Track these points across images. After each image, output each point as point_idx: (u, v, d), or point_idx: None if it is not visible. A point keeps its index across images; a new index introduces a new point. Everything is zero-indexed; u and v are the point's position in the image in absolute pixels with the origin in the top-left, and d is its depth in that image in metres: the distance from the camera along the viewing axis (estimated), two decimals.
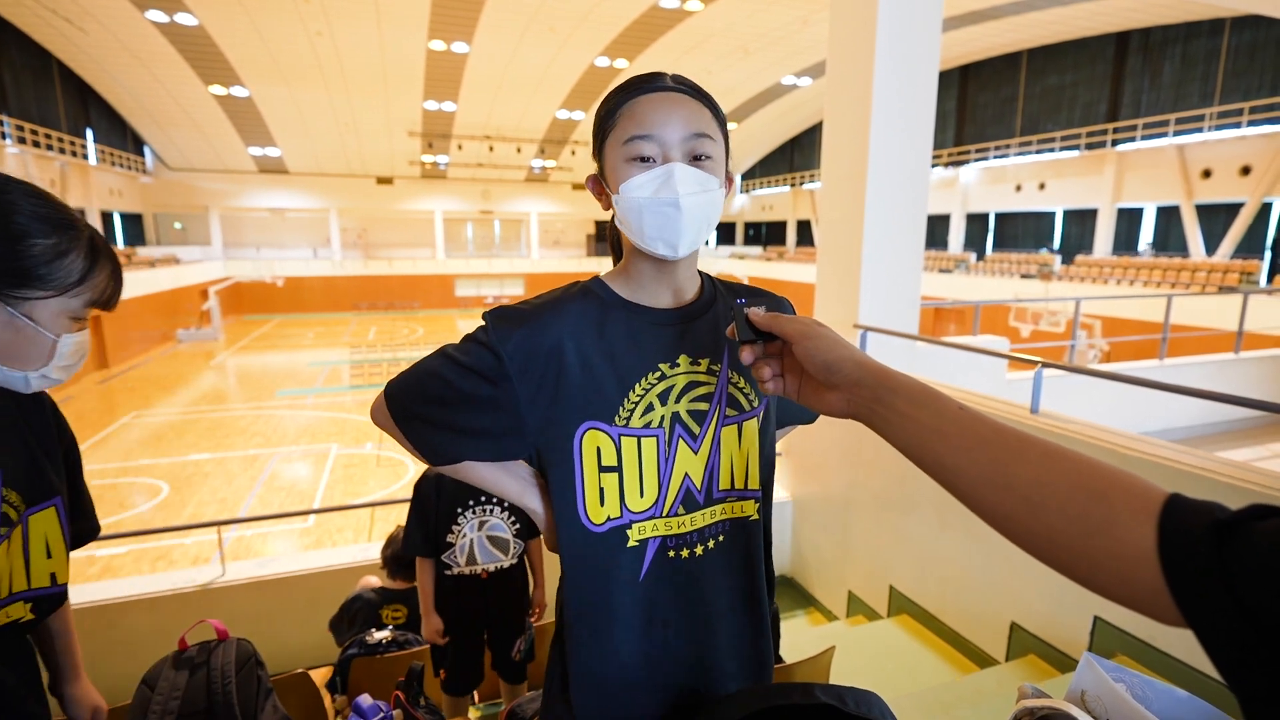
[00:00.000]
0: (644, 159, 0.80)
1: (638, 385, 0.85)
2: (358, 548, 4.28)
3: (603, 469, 0.84)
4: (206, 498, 9.21)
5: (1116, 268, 16.58)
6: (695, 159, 0.82)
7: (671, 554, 0.87)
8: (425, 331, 24.70)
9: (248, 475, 10.06)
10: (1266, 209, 15.20)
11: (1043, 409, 3.00)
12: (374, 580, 2.92)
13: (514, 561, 2.21)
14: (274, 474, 10.15)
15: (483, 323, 0.85)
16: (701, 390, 0.88)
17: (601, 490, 0.85)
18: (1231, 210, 15.57)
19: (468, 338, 0.85)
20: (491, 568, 2.18)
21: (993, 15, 17.34)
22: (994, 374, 5.06)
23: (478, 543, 2.14)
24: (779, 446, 1.07)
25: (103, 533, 1.36)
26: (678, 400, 0.86)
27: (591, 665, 0.87)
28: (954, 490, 0.59)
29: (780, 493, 4.76)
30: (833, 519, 4.20)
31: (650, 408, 0.85)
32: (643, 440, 0.85)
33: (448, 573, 2.17)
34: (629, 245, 0.88)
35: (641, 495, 0.85)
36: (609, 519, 0.85)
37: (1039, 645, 2.73)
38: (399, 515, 9.43)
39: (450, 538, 2.13)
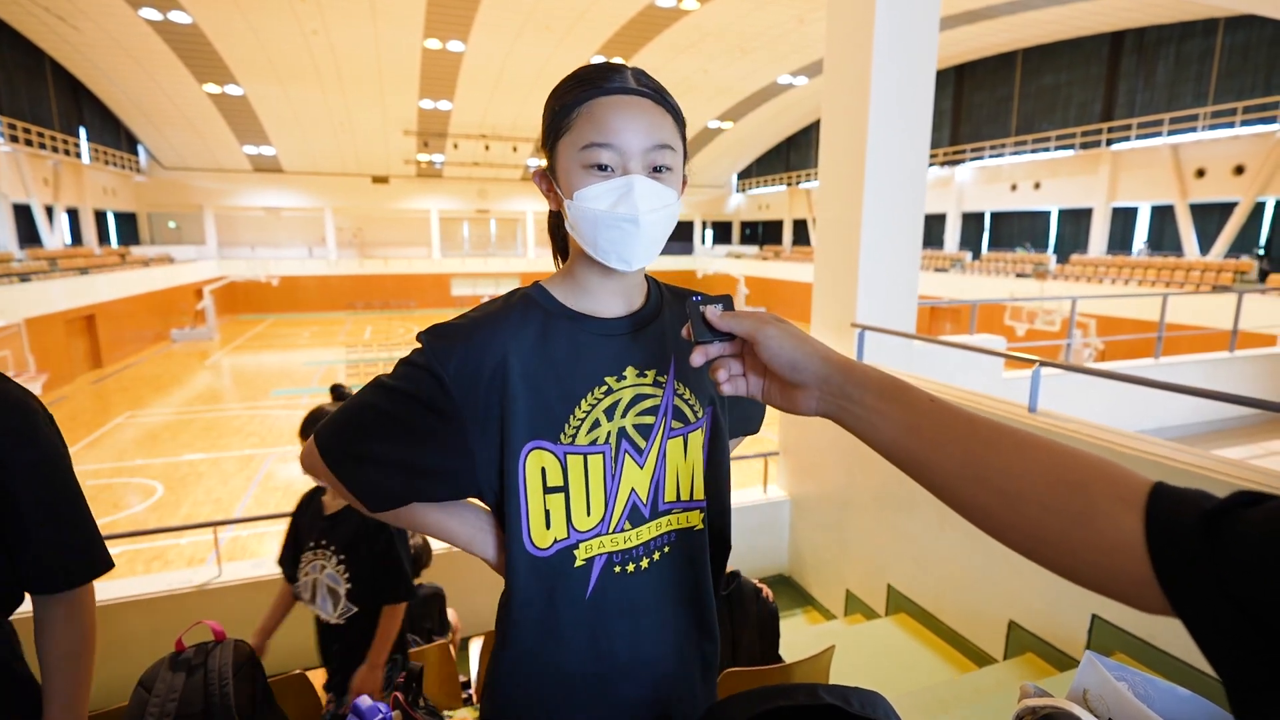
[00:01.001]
0: (601, 167, 0.75)
1: (584, 401, 0.81)
2: None
3: (548, 490, 0.81)
4: (201, 498, 9.17)
5: (1111, 267, 16.65)
6: (655, 170, 0.77)
7: (617, 569, 0.85)
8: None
9: (243, 475, 10.02)
10: (1260, 208, 15.27)
11: (1040, 408, 3.01)
12: None
13: (339, 622, 1.96)
14: (269, 474, 10.11)
15: (418, 344, 0.79)
16: (648, 403, 0.85)
17: (547, 513, 0.81)
18: (1225, 210, 15.64)
19: (403, 362, 0.79)
20: (320, 615, 1.99)
21: (988, 15, 17.38)
22: (991, 373, 5.08)
23: (318, 585, 1.97)
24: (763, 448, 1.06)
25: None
26: (624, 415, 0.83)
27: (533, 681, 0.85)
28: (930, 486, 0.57)
29: (778, 491, 4.76)
30: (831, 518, 4.20)
31: (596, 424, 0.82)
32: (589, 458, 0.81)
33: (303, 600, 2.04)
34: (577, 249, 0.83)
35: (588, 514, 0.82)
36: (556, 541, 0.82)
37: (1037, 644, 2.74)
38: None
39: (299, 571, 2.01)
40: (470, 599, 3.85)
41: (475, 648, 2.86)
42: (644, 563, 0.87)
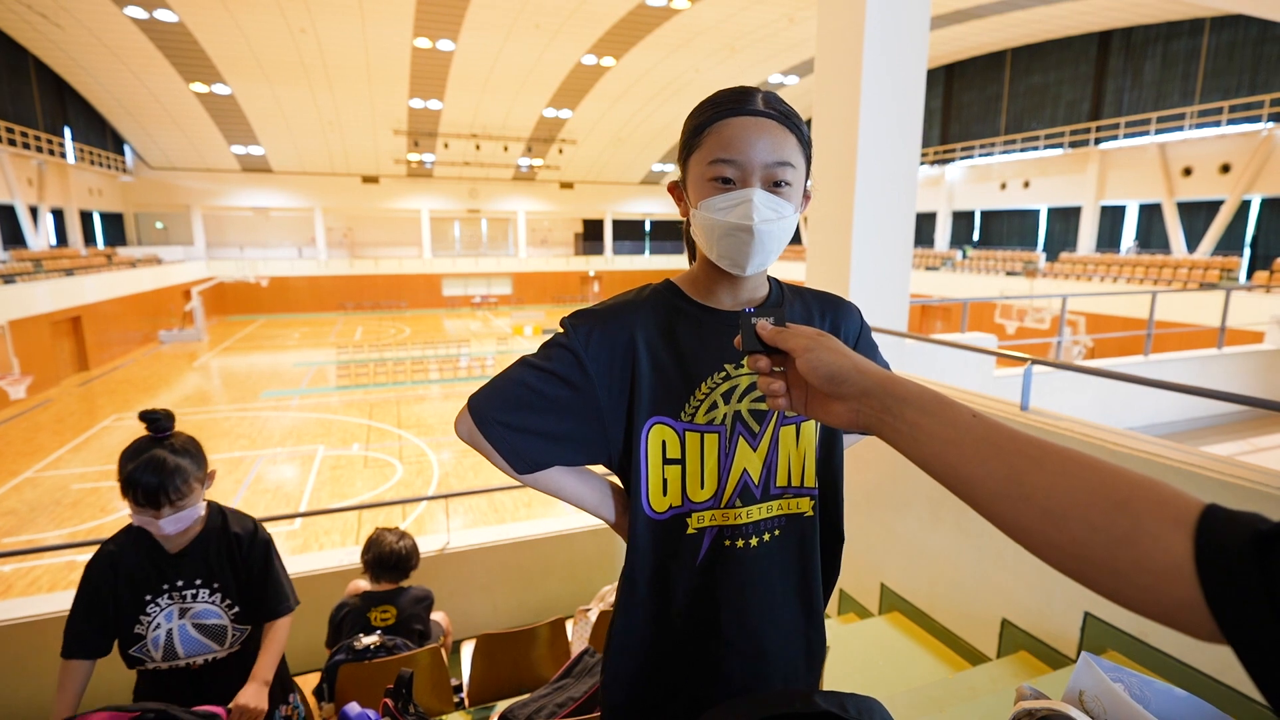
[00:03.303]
0: (725, 180, 0.84)
1: (704, 384, 0.90)
2: (345, 550, 4.22)
3: (667, 461, 0.90)
4: None
5: (1100, 265, 16.77)
6: (774, 185, 0.85)
7: (728, 544, 0.92)
8: (412, 331, 24.54)
9: (233, 478, 9.94)
10: (1245, 206, 15.42)
11: (1031, 405, 3.01)
12: (362, 584, 2.88)
13: (234, 649, 1.76)
14: (259, 476, 10.03)
15: (560, 329, 0.91)
16: None
17: (665, 481, 0.90)
18: (1212, 208, 15.79)
19: (548, 344, 0.90)
20: (200, 660, 1.71)
21: (977, 14, 17.48)
22: (983, 371, 5.09)
23: (179, 632, 1.69)
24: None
25: (83, 537, 1.31)
26: (740, 399, 0.91)
27: (645, 641, 0.93)
28: (971, 502, 0.56)
29: None
30: None
31: (714, 405, 0.90)
32: (706, 436, 0.90)
33: (143, 668, 1.71)
34: (701, 251, 0.92)
35: (702, 487, 0.91)
36: (671, 507, 0.91)
37: (1030, 642, 2.74)
38: (386, 517, 9.22)
39: (139, 629, 1.66)
40: (461, 602, 3.83)
41: (467, 651, 2.83)
42: (754, 541, 0.93)
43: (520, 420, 0.87)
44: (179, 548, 1.70)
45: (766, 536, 0.93)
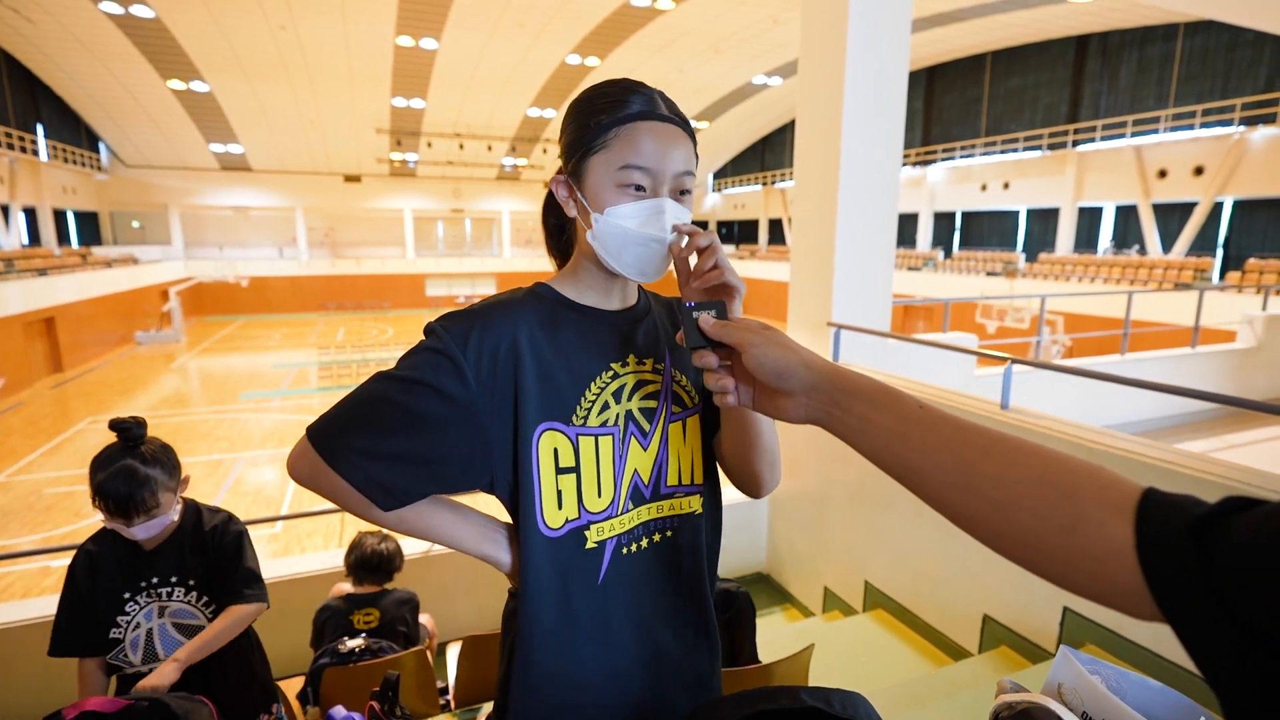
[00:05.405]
0: (638, 188, 0.81)
1: (593, 384, 0.85)
2: (327, 554, 4.18)
3: (560, 470, 0.83)
4: None
5: (1078, 265, 17.04)
6: (680, 194, 0.84)
7: (624, 551, 0.88)
8: (395, 332, 24.32)
9: (212, 481, 9.79)
10: (1218, 208, 15.74)
11: (1011, 404, 3.06)
12: (345, 587, 2.85)
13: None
14: (239, 479, 9.90)
15: (426, 335, 0.79)
16: (650, 388, 0.89)
17: (559, 493, 0.83)
18: (1186, 209, 16.10)
19: (414, 351, 0.78)
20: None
21: (958, 18, 17.67)
22: (964, 370, 5.15)
23: (159, 632, 1.65)
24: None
25: (57, 542, 1.29)
26: (630, 398, 0.88)
27: (551, 679, 0.84)
28: (920, 493, 0.57)
29: None
30: (808, 515, 4.23)
31: (606, 406, 0.86)
32: (600, 439, 0.85)
33: (122, 674, 1.66)
34: (586, 251, 0.86)
35: (599, 495, 0.85)
36: (567, 521, 0.84)
37: (1011, 637, 2.78)
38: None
39: (115, 632, 1.63)
40: (446, 604, 3.81)
41: (453, 653, 2.82)
42: (644, 543, 0.89)
43: (385, 446, 0.74)
44: (153, 545, 1.69)
45: (657, 537, 0.90)
